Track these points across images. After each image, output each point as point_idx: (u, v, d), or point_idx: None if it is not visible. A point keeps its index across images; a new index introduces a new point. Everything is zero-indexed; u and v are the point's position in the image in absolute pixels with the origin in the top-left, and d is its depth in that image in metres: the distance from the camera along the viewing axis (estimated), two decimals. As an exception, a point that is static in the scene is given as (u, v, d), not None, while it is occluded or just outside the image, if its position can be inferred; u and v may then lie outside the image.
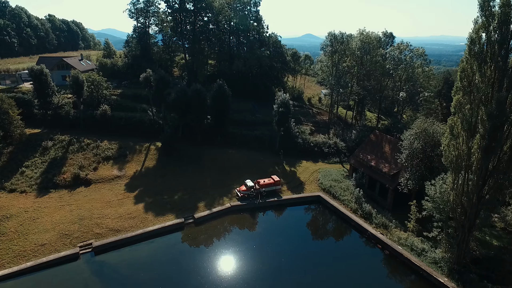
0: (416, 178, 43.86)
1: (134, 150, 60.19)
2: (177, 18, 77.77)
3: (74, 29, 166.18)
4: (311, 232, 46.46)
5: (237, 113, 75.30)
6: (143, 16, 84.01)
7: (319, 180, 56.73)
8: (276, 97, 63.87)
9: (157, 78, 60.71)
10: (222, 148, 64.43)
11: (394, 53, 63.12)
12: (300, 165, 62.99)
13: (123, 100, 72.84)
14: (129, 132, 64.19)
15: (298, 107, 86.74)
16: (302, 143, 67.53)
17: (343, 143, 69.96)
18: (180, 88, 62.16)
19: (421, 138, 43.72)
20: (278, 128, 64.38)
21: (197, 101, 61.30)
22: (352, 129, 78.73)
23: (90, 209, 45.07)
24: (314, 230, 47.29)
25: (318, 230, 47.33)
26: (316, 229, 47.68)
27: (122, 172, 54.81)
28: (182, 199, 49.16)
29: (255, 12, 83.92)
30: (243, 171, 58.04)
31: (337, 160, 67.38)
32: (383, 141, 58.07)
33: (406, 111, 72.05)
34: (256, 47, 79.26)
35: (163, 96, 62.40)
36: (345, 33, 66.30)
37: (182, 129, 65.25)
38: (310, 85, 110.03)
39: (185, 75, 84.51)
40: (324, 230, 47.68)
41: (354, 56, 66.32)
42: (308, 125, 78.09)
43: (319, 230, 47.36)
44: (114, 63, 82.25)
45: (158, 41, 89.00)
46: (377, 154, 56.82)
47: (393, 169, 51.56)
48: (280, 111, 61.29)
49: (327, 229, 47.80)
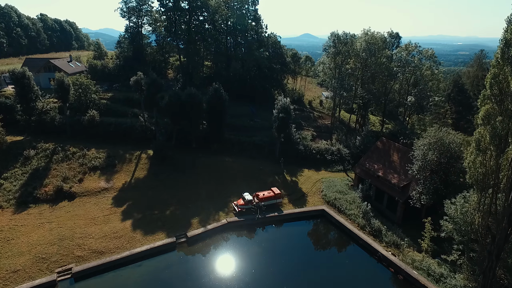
0: (431, 193, 40.04)
1: (124, 159, 56.04)
2: (171, 17, 73.58)
3: (67, 29, 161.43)
4: (316, 252, 42.36)
5: (234, 118, 71.37)
6: (135, 15, 79.82)
7: (322, 192, 52.80)
8: (276, 101, 59.91)
9: (148, 81, 56.60)
10: (218, 156, 60.40)
11: (402, 54, 59.26)
12: (301, 174, 59.05)
13: (113, 104, 68.64)
14: (119, 139, 60.03)
15: (298, 110, 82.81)
16: (304, 150, 63.61)
17: (346, 150, 66.09)
18: (174, 92, 58.08)
19: (435, 149, 39.88)
20: (278, 134, 60.41)
21: (192, 106, 57.24)
22: (355, 134, 74.87)
23: (72, 227, 40.91)
24: (319, 249, 43.18)
25: (323, 250, 43.21)
26: (321, 248, 43.57)
27: (110, 183, 50.65)
28: (174, 214, 45.09)
29: (253, 11, 79.86)
30: (241, 182, 54.05)
31: (341, 168, 63.47)
32: (391, 149, 54.24)
33: (412, 116, 68.42)
34: (254, 48, 75.27)
35: (155, 100, 58.32)
36: (349, 33, 62.45)
37: (176, 135, 61.17)
38: (310, 86, 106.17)
39: (180, 78, 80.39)
40: (330, 249, 43.56)
41: (358, 57, 62.44)
42: (310, 130, 74.17)
43: (324, 250, 43.23)
44: (104, 64, 77.95)
45: (152, 41, 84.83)
46: (384, 163, 52.98)
47: (403, 180, 47.73)
48: (280, 116, 57.31)
49: (333, 249, 43.66)
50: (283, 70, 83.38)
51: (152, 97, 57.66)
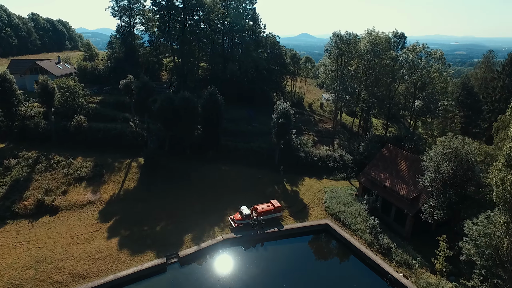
0: (445, 208, 36.62)
1: (113, 168, 52.30)
2: (164, 16, 69.80)
3: (60, 29, 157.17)
4: (319, 272, 38.69)
5: (231, 122, 67.75)
6: (127, 14, 75.96)
7: (325, 203, 49.30)
8: (275, 106, 56.33)
9: (138, 85, 52.89)
10: (214, 163, 56.76)
11: (408, 55, 55.80)
12: (302, 183, 55.54)
13: (103, 108, 64.82)
14: (108, 146, 56.20)
15: (298, 114, 79.24)
16: (305, 157, 60.10)
17: (349, 156, 62.65)
18: (166, 96, 54.38)
19: (450, 160, 36.42)
20: (278, 140, 56.86)
21: (185, 111, 53.55)
22: (358, 139, 71.40)
23: (52, 247, 37.17)
24: (323, 270, 39.49)
25: (328, 270, 39.42)
26: (325, 268, 39.77)
27: (97, 196, 46.91)
28: (165, 230, 41.43)
29: (251, 10, 76.20)
30: (238, 192, 50.49)
31: (344, 176, 59.99)
32: (398, 157, 50.81)
33: (418, 120, 64.57)
34: (252, 49, 71.67)
35: (147, 105, 54.63)
36: (352, 33, 58.93)
37: (169, 142, 57.48)
38: (310, 88, 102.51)
39: (174, 80, 76.66)
40: (335, 270, 39.84)
41: (362, 59, 58.96)
42: (310, 135, 70.67)
43: (328, 270, 39.45)
44: (94, 66, 74.04)
45: (145, 41, 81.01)
46: (391, 173, 49.58)
47: (412, 192, 44.33)
48: (280, 122, 53.73)
49: (338, 269, 39.98)
50: (282, 71, 79.82)
51: (143, 101, 54.00)
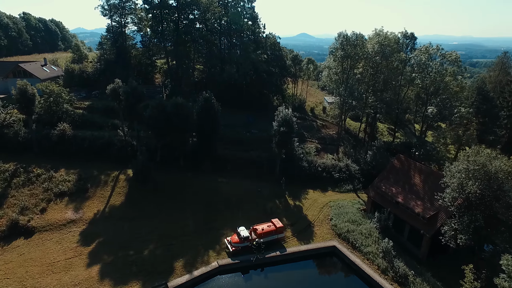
0: (471, 232, 32.21)
1: (98, 182, 47.76)
2: (157, 15, 65.21)
3: (53, 29, 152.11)
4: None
5: (229, 129, 63.19)
6: (118, 13, 71.32)
7: (331, 220, 44.84)
8: (276, 113, 51.84)
9: (127, 90, 48.34)
10: (210, 175, 52.27)
11: (420, 57, 51.35)
12: (306, 197, 51.10)
13: (91, 114, 60.19)
14: (95, 156, 51.66)
15: (300, 119, 74.77)
16: (308, 167, 55.63)
17: (355, 166, 58.20)
18: (157, 102, 49.80)
19: (477, 178, 32.00)
20: (279, 150, 52.36)
21: (179, 118, 49.04)
22: (364, 146, 67.03)
23: (22, 278, 32.64)
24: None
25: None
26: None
27: (79, 214, 42.36)
28: (153, 255, 36.90)
29: (250, 9, 71.66)
30: (236, 208, 46.06)
31: (350, 188, 55.54)
32: (411, 169, 46.38)
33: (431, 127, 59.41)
34: (251, 50, 67.20)
35: (136, 112, 50.13)
36: (359, 33, 54.45)
37: (161, 151, 52.99)
38: (312, 91, 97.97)
39: (168, 83, 72.16)
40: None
41: (370, 61, 54.51)
42: (313, 143, 66.19)
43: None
44: (82, 69, 69.37)
45: (137, 42, 76.44)
46: (404, 187, 45.15)
47: (429, 210, 39.94)
48: (281, 131, 49.23)
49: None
50: (283, 74, 75.36)
51: (132, 108, 49.47)
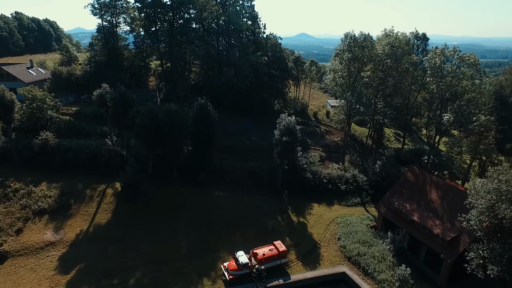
0: (504, 263, 28.01)
1: (83, 197, 43.54)
2: (150, 15, 60.92)
3: (46, 29, 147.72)
4: None
5: (226, 136, 59.02)
6: (109, 12, 67.06)
7: (340, 240, 40.66)
8: (278, 120, 47.58)
9: (114, 97, 44.07)
10: (206, 188, 48.10)
11: (435, 60, 47.13)
12: (311, 212, 46.93)
13: (78, 121, 56.07)
14: (80, 168, 47.48)
15: (302, 124, 70.49)
16: (312, 179, 51.42)
17: (363, 177, 54.04)
18: (148, 109, 45.55)
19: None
20: (281, 161, 48.15)
21: (171, 127, 44.88)
22: (371, 153, 62.86)
23: (-13, 316, 28.50)
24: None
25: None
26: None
27: (59, 234, 38.13)
28: (140, 285, 32.68)
29: (250, 8, 67.37)
30: (233, 227, 41.88)
31: (358, 201, 51.38)
32: (427, 183, 42.19)
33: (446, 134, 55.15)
34: (250, 52, 63.00)
35: (125, 120, 45.92)
36: (367, 34, 50.22)
37: (153, 163, 48.78)
38: (314, 93, 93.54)
39: (162, 87, 67.93)
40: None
41: (380, 64, 50.30)
42: (317, 150, 62.01)
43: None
44: (71, 71, 65.05)
45: (129, 43, 72.17)
46: (419, 203, 41.01)
47: (450, 231, 35.78)
48: (284, 141, 44.99)
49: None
50: (284, 77, 71.12)
51: (121, 115, 45.22)
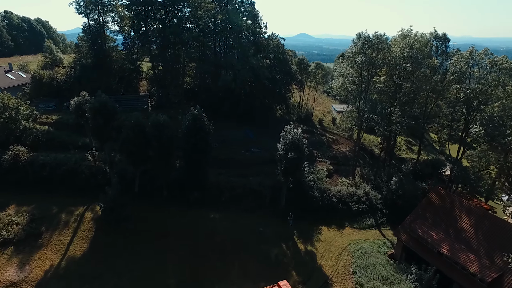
0: None
1: (57, 223, 37.65)
2: (140, 13, 55.02)
3: (38, 29, 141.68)
4: None
5: (224, 147, 53.51)
6: (96, 10, 61.23)
7: (355, 275, 34.86)
8: (282, 133, 41.74)
9: (94, 107, 38.25)
10: (200, 209, 42.26)
11: (461, 65, 41.35)
12: (319, 237, 41.11)
13: (58, 131, 50.24)
14: (57, 187, 41.67)
15: (307, 132, 64.88)
16: (320, 197, 45.64)
17: (377, 194, 48.46)
18: (133, 121, 39.72)
19: None
20: (285, 178, 42.40)
21: (160, 141, 39.12)
22: (384, 167, 57.03)
23: None
24: None
25: None
26: None
27: (24, 272, 32.22)
28: None
29: (250, 6, 61.45)
30: (232, 258, 36.00)
31: (372, 222, 45.67)
32: (456, 208, 36.43)
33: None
34: (250, 54, 57.21)
35: (107, 132, 40.15)
36: (383, 35, 44.41)
37: (140, 180, 43.00)
38: (318, 98, 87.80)
39: (154, 92, 62.12)
40: None
41: (397, 69, 44.51)
42: (325, 163, 56.22)
43: None
44: (52, 75, 59.08)
45: (119, 44, 66.32)
46: (447, 231, 35.29)
47: (490, 270, 30.09)
48: (289, 157, 39.16)
49: None
50: (288, 81, 65.30)
51: (102, 128, 39.43)
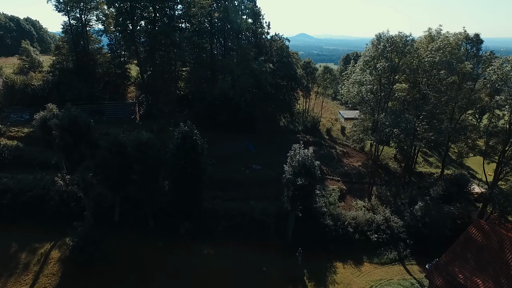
0: None
1: (15, 267, 30.75)
2: (124, 10, 47.94)
3: (27, 29, 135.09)
4: None
5: (221, 163, 46.96)
6: (78, 8, 54.33)
7: (382, 335, 28.09)
8: (290, 152, 34.83)
9: (61, 124, 31.35)
10: (191, 243, 35.49)
11: (504, 71, 34.57)
12: (334, 279, 34.35)
13: (29, 147, 43.37)
14: (20, 217, 34.83)
15: (315, 144, 58.07)
16: (333, 226, 38.84)
17: (398, 220, 41.65)
18: (112, 140, 32.85)
19: None
20: (293, 206, 35.59)
21: (143, 163, 32.32)
22: (404, 186, 50.06)
23: None
24: None
25: None
26: None
27: (-35, 337, 25.42)
28: None
29: (251, 2, 54.46)
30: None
31: (395, 256, 38.80)
32: (506, 248, 29.56)
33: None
34: (251, 57, 50.32)
35: (79, 153, 33.30)
36: (409, 35, 37.49)
37: (120, 208, 36.17)
38: (325, 104, 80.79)
39: (143, 99, 55.23)
40: None
41: (425, 76, 37.73)
42: (336, 182, 49.38)
43: None
44: (26, 81, 52.02)
45: (104, 45, 59.41)
46: (497, 279, 28.55)
47: None
48: (299, 184, 32.28)
49: None
50: (293, 87, 58.37)
51: (72, 148, 32.57)
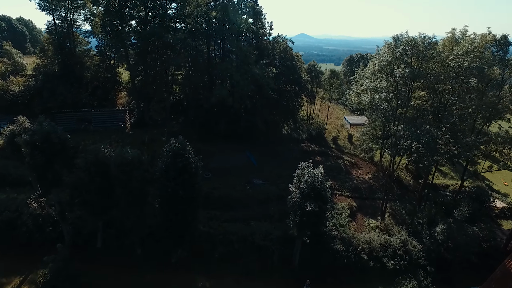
0: None
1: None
2: (111, 9, 43.53)
3: (19, 29, 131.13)
4: None
5: (218, 177, 42.74)
6: (63, 7, 50.00)
7: None
8: (297, 172, 30.33)
9: (31, 141, 26.88)
10: (184, 273, 31.07)
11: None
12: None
13: (3, 161, 38.99)
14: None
15: (321, 155, 53.90)
16: (345, 252, 34.39)
17: (417, 243, 37.21)
18: (91, 157, 28.40)
19: None
20: (300, 233, 31.16)
21: (128, 186, 27.87)
22: (419, 200, 45.76)
23: None
24: None
25: None
26: None
27: None
28: None
29: (251, 1, 49.99)
30: None
31: (415, 285, 34.20)
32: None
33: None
34: (252, 60, 45.88)
35: (54, 173, 28.87)
36: (432, 37, 33.08)
37: (104, 233, 31.76)
38: (326, 106, 76.33)
39: (133, 106, 50.84)
40: None
41: (449, 83, 33.37)
42: (346, 199, 45.00)
43: None
44: (5, 86, 47.57)
45: (93, 48, 55.02)
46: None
47: None
48: (307, 211, 27.80)
49: None
50: (297, 92, 53.95)
51: (44, 168, 28.13)
